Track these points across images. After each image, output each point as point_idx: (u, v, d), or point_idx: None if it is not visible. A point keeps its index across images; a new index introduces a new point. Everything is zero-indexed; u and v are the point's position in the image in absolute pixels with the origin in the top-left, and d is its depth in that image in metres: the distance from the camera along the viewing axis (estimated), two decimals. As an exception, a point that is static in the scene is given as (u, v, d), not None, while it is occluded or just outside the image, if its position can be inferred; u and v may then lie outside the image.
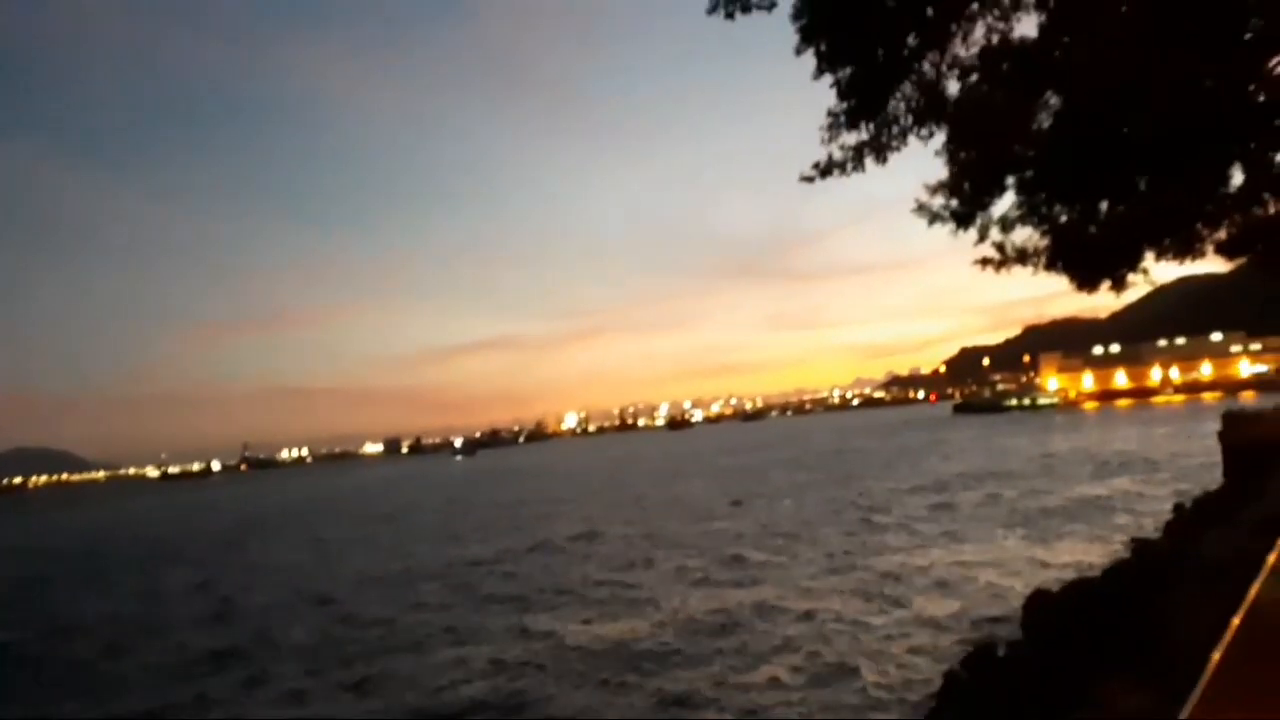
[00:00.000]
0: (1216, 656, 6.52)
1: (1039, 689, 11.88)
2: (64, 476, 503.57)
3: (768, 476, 63.78)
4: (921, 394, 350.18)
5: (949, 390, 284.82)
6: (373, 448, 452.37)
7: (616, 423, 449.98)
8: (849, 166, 8.31)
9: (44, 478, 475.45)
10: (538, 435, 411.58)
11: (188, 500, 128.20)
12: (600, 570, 29.16)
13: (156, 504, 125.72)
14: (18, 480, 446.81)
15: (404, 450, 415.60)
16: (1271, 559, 9.78)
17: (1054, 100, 7.71)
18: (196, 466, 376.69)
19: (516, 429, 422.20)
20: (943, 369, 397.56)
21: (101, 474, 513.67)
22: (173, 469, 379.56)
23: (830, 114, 8.03)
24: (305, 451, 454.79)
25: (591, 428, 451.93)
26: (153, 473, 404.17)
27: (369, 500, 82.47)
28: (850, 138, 8.13)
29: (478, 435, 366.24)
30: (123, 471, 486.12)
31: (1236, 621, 7.30)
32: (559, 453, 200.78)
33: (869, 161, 8.26)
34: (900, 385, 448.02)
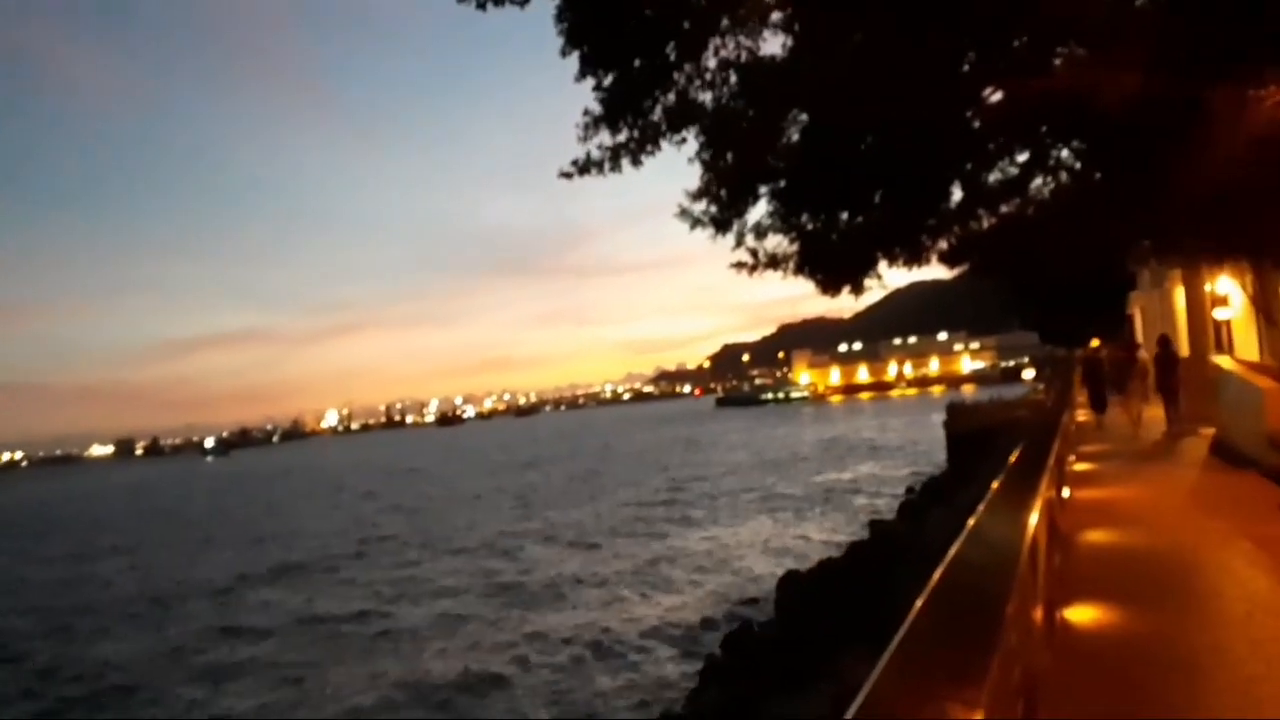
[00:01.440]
0: (918, 604, 7.23)
1: (791, 665, 12.77)
2: None
3: (535, 472, 64.12)
4: (688, 388, 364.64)
5: (713, 384, 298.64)
6: (101, 449, 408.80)
7: (383, 420, 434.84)
8: (606, 166, 8.53)
9: None
10: (295, 434, 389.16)
11: None
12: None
13: None
14: None
15: (139, 452, 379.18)
16: (969, 523, 11.03)
17: (801, 116, 8.29)
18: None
19: (270, 427, 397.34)
20: (707, 364, 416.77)
21: None
22: None
23: (588, 114, 8.19)
24: (19, 455, 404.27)
25: (355, 425, 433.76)
26: None
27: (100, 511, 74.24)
28: (609, 139, 8.34)
29: (225, 435, 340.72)
30: None
31: (934, 578, 8.11)
32: (323, 451, 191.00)
33: (625, 163, 8.51)
34: (668, 380, 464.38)
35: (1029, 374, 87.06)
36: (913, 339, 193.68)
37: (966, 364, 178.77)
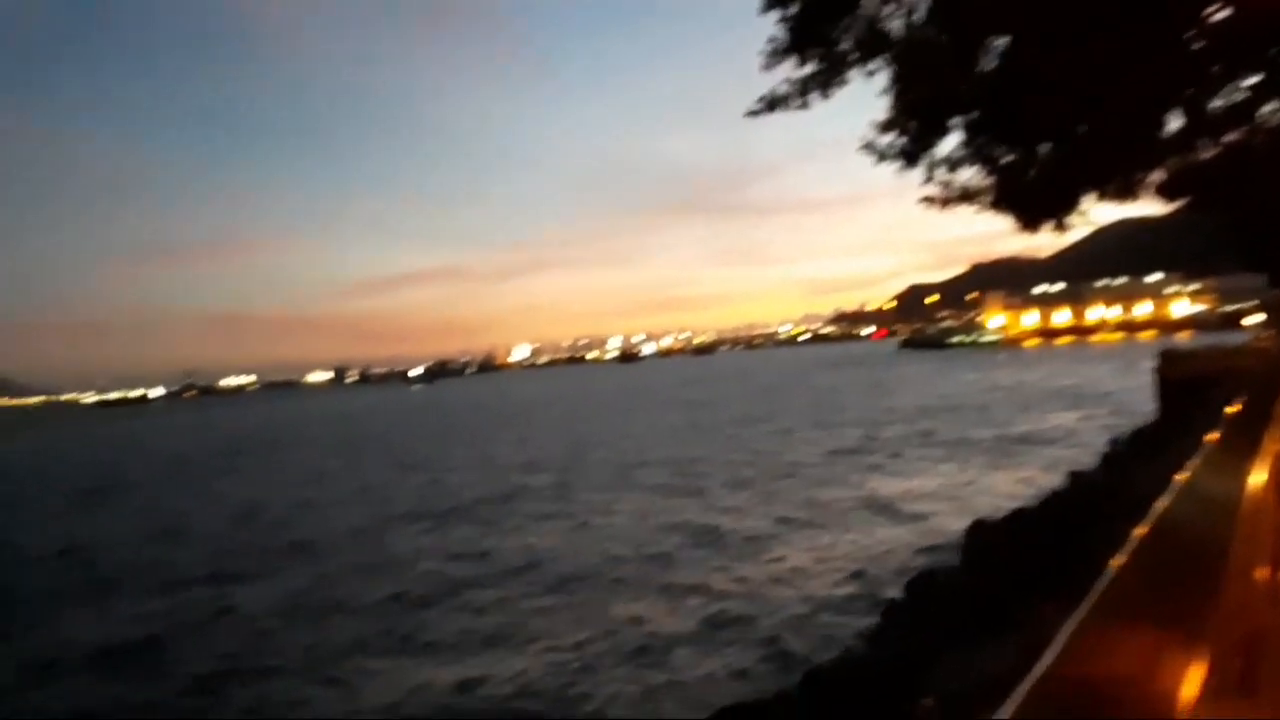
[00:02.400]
0: (1116, 563, 6.85)
1: (977, 613, 12.43)
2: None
3: (727, 408, 64.73)
4: (868, 330, 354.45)
5: (895, 327, 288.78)
6: (318, 376, 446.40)
7: (566, 355, 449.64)
8: (793, 101, 8.32)
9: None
10: (488, 366, 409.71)
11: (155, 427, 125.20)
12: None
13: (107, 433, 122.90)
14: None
15: (351, 379, 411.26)
16: (1179, 478, 10.24)
17: (998, 43, 7.77)
18: (135, 393, 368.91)
19: (466, 360, 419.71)
20: (890, 305, 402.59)
21: (36, 399, 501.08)
22: (111, 395, 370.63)
23: (773, 46, 7.99)
24: (251, 379, 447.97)
25: (542, 360, 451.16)
26: (89, 399, 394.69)
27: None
28: (796, 71, 8.13)
29: (427, 366, 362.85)
30: (60, 397, 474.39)
31: (1140, 533, 7.65)
32: (516, 384, 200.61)
33: (814, 96, 8.27)
34: (848, 321, 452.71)
35: (1253, 319, 78.55)
36: (1119, 280, 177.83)
37: (1181, 308, 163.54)
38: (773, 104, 8.37)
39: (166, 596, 20.85)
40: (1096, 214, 9.89)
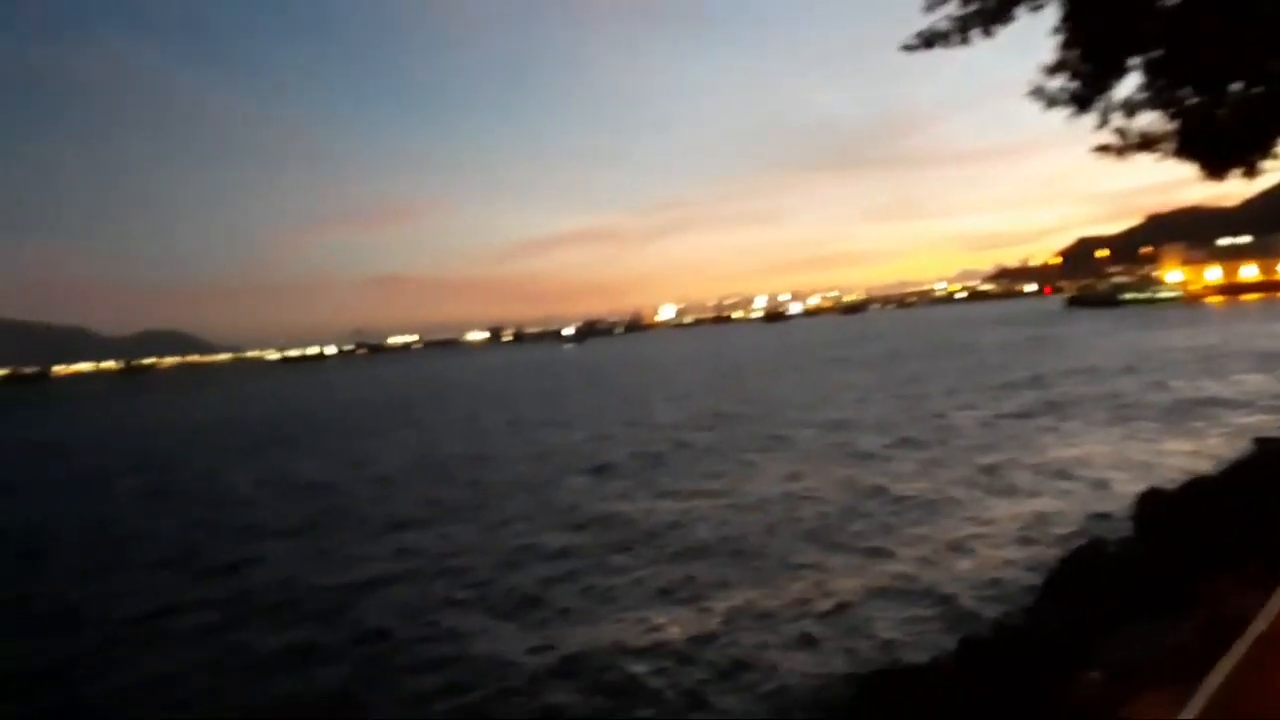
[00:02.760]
0: None
1: (1148, 586, 11.76)
2: (191, 358, 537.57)
3: (881, 369, 63.29)
4: (1032, 287, 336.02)
5: (1062, 283, 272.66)
6: (476, 335, 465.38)
7: (712, 315, 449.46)
8: (955, 38, 7.90)
9: (173, 359, 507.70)
10: (635, 326, 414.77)
11: (341, 379, 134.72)
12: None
13: (299, 383, 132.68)
14: (148, 361, 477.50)
15: (506, 339, 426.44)
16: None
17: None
18: (312, 350, 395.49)
19: (614, 319, 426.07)
20: (1056, 260, 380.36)
21: (225, 356, 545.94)
22: (292, 353, 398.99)
23: None
24: (414, 338, 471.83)
25: (688, 319, 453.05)
26: (272, 356, 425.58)
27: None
28: (958, 7, 7.72)
29: (577, 326, 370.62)
30: (246, 354, 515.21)
31: None
32: (664, 342, 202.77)
33: (975, 34, 7.84)
34: (1009, 277, 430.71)
35: None
36: None
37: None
38: (931, 40, 7.99)
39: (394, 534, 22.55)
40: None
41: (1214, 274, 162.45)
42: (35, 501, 33.21)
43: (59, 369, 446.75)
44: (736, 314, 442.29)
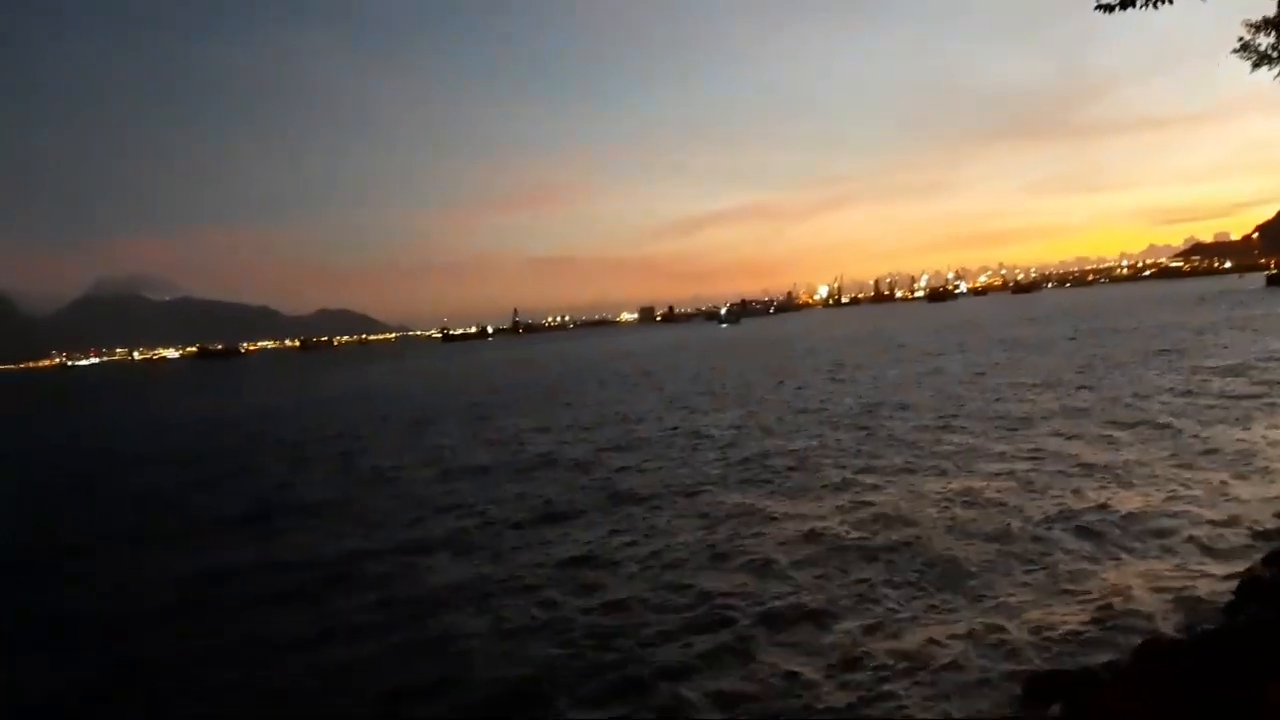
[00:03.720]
0: None
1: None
2: (363, 336, 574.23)
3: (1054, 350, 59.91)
4: (1229, 263, 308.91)
5: (1263, 259, 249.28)
6: (628, 315, 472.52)
7: (872, 294, 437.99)
8: (1154, -5, 7.15)
9: (346, 337, 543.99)
10: (788, 306, 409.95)
11: (506, 355, 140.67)
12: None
13: (478, 358, 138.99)
14: (324, 338, 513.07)
15: (658, 319, 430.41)
16: None
17: None
18: (474, 329, 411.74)
19: (767, 299, 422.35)
20: (1256, 235, 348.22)
21: (393, 334, 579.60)
22: (454, 331, 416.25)
23: None
24: (567, 318, 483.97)
25: (845, 299, 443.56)
26: (436, 334, 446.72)
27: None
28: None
29: (730, 305, 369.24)
30: (411, 333, 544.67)
31: None
32: (820, 322, 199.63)
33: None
34: (1204, 253, 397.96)
35: None
36: None
37: None
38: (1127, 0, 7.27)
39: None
40: None
41: None
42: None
43: (246, 345, 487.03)
44: (899, 293, 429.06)
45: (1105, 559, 15.23)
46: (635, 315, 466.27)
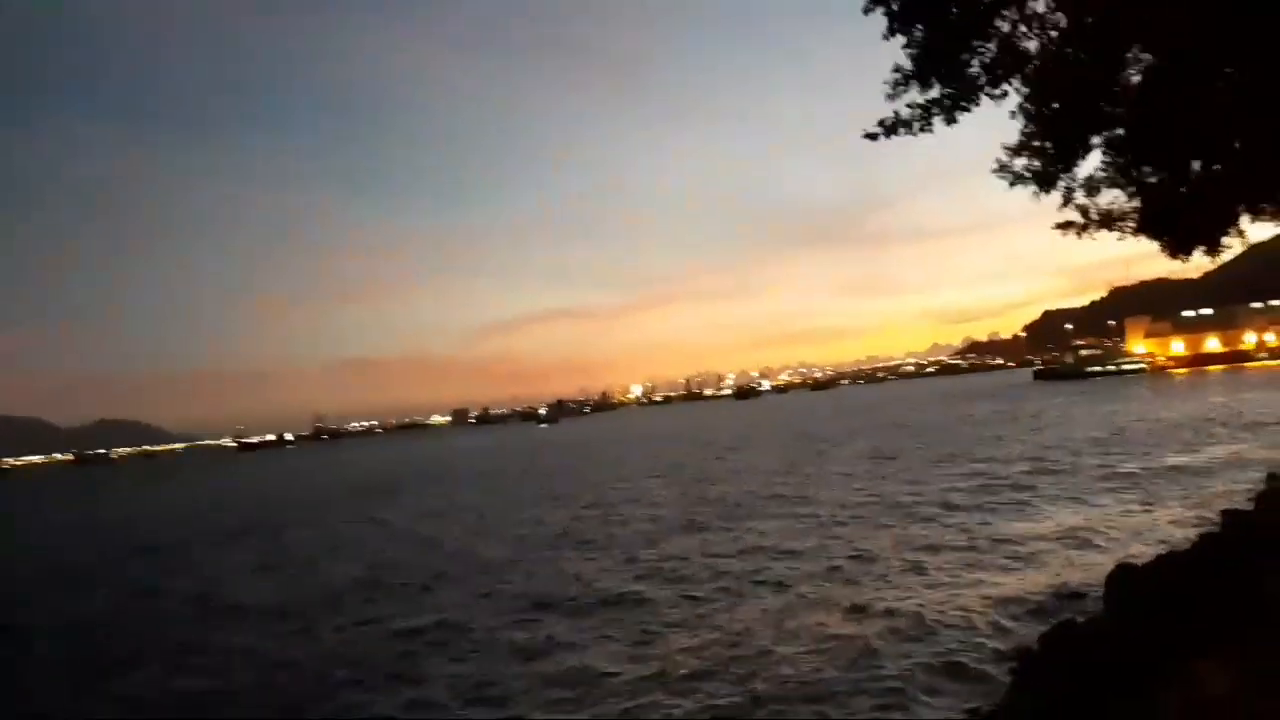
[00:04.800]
0: None
1: (1123, 667, 11.48)
2: (147, 448, 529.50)
3: (846, 444, 63.28)
4: (1001, 360, 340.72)
5: (1030, 356, 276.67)
6: (440, 418, 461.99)
7: (683, 392, 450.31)
8: (917, 126, 7.96)
9: (128, 449, 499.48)
10: (604, 405, 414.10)
11: (293, 466, 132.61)
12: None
13: (260, 471, 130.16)
14: (102, 451, 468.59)
15: (472, 420, 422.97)
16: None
17: (1143, 56, 7.24)
18: (272, 437, 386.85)
19: (583, 399, 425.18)
20: (1023, 334, 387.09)
21: (181, 445, 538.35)
22: (250, 439, 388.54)
23: (898, 71, 7.68)
24: (375, 423, 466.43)
25: (658, 397, 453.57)
26: (230, 443, 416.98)
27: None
28: (919, 96, 7.80)
29: (546, 406, 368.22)
30: (202, 442, 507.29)
31: None
32: (637, 420, 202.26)
33: (938, 121, 7.91)
34: (979, 351, 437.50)
35: None
36: (1276, 302, 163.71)
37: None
38: (893, 128, 8.04)
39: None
40: (1253, 233, 9.13)
41: (1178, 346, 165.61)
42: None
43: (10, 461, 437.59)
44: (707, 391, 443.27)
45: (878, 656, 15.79)
46: (448, 418, 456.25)
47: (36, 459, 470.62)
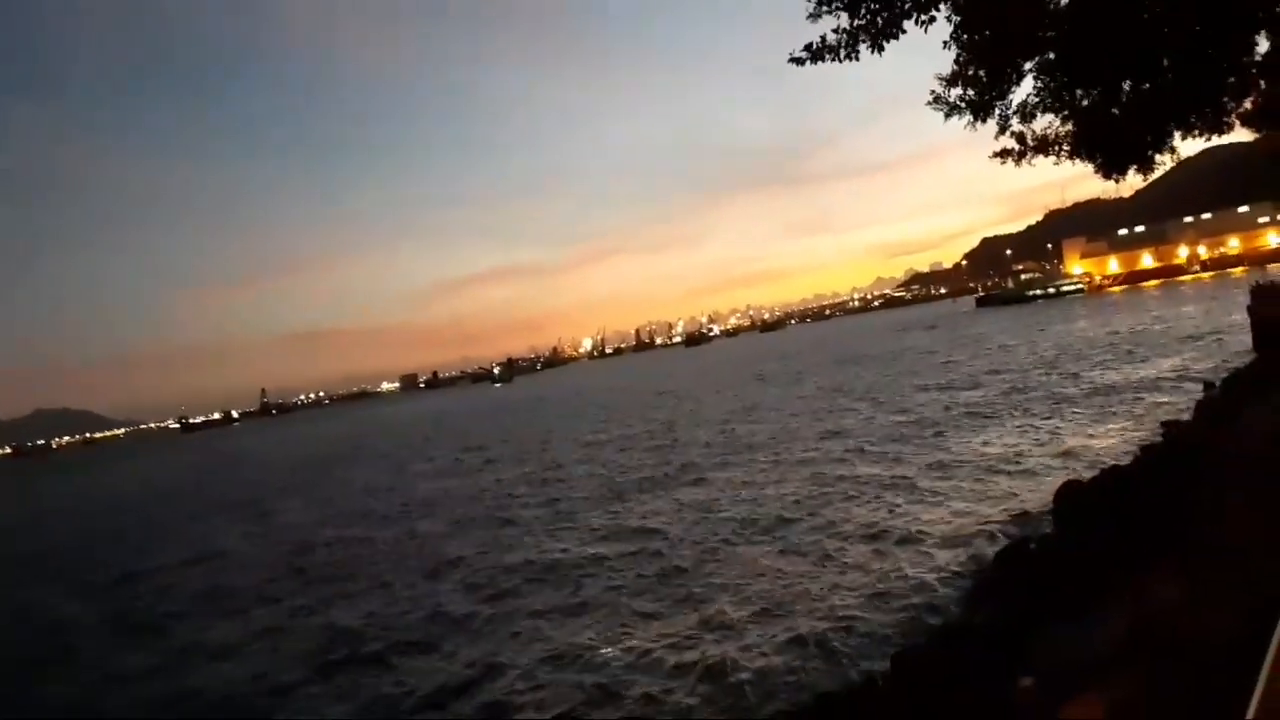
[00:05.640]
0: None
1: (1073, 584, 11.83)
2: (87, 435, 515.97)
3: (796, 383, 63.95)
4: (944, 289, 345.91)
5: (972, 284, 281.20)
6: (389, 385, 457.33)
7: (634, 343, 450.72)
8: (842, 52, 7.81)
9: (67, 438, 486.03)
10: (555, 361, 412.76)
11: (241, 445, 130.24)
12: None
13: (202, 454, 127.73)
14: (40, 441, 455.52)
15: (421, 385, 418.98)
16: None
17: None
18: (217, 415, 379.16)
19: (534, 356, 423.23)
20: (964, 263, 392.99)
21: (122, 431, 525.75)
22: (194, 419, 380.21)
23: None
24: (323, 394, 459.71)
25: (609, 350, 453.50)
26: (174, 425, 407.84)
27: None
28: (845, 21, 7.65)
29: (497, 365, 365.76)
30: (144, 426, 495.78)
31: None
32: (589, 374, 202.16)
33: (864, 48, 7.76)
34: (922, 282, 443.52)
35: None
36: (1207, 215, 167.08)
37: (1275, 239, 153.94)
38: (819, 54, 7.85)
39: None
40: (1183, 149, 9.25)
41: (1114, 265, 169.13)
42: None
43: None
44: (658, 340, 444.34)
45: (844, 578, 16.30)
46: (397, 384, 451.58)
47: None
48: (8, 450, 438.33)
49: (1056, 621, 10.80)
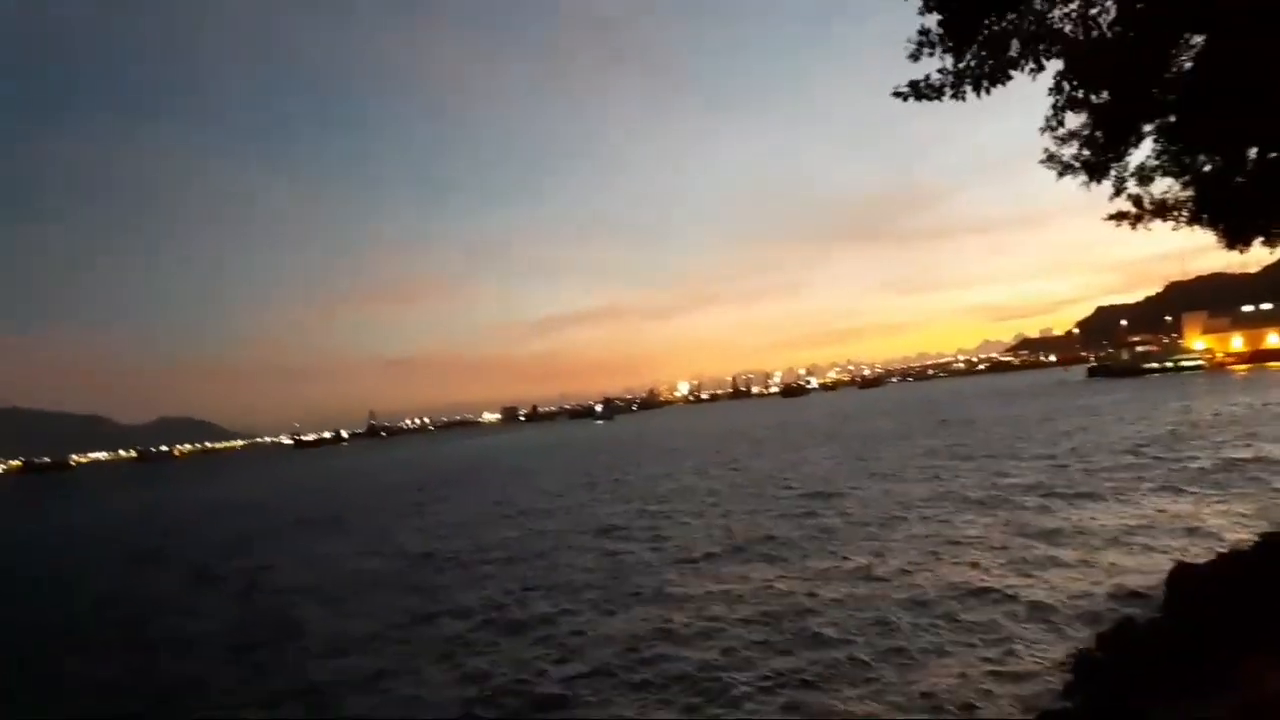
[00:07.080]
0: None
1: (1181, 668, 11.22)
2: (206, 444, 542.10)
3: (903, 443, 62.52)
4: (1054, 357, 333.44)
5: (1083, 352, 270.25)
6: (490, 416, 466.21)
7: (729, 390, 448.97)
8: (948, 92, 7.75)
9: (188, 446, 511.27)
10: (651, 403, 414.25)
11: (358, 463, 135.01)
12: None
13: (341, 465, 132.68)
14: (164, 448, 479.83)
15: (521, 418, 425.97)
16: None
17: (1195, 39, 7.01)
18: (328, 435, 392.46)
19: (630, 396, 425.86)
20: (1076, 330, 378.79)
21: (239, 442, 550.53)
22: (306, 437, 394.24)
23: (922, 34, 7.48)
24: (427, 420, 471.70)
25: (704, 395, 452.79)
26: (286, 440, 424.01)
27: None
28: (949, 63, 7.61)
29: (597, 403, 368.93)
30: (259, 439, 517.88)
31: None
32: (687, 418, 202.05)
33: (968, 89, 7.69)
34: (1030, 348, 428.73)
35: None
36: None
37: None
38: (923, 92, 7.81)
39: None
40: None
41: (1237, 342, 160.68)
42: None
43: (76, 458, 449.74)
44: (755, 389, 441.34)
45: (934, 658, 15.77)
46: (498, 415, 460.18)
47: (101, 456, 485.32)
48: (134, 454, 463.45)
49: (1161, 706, 10.27)
